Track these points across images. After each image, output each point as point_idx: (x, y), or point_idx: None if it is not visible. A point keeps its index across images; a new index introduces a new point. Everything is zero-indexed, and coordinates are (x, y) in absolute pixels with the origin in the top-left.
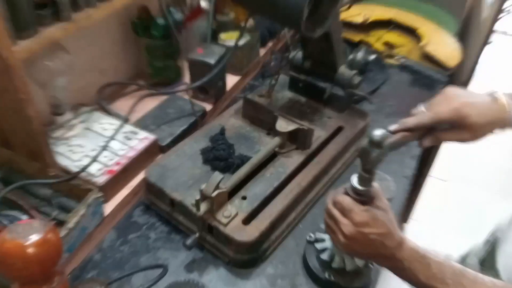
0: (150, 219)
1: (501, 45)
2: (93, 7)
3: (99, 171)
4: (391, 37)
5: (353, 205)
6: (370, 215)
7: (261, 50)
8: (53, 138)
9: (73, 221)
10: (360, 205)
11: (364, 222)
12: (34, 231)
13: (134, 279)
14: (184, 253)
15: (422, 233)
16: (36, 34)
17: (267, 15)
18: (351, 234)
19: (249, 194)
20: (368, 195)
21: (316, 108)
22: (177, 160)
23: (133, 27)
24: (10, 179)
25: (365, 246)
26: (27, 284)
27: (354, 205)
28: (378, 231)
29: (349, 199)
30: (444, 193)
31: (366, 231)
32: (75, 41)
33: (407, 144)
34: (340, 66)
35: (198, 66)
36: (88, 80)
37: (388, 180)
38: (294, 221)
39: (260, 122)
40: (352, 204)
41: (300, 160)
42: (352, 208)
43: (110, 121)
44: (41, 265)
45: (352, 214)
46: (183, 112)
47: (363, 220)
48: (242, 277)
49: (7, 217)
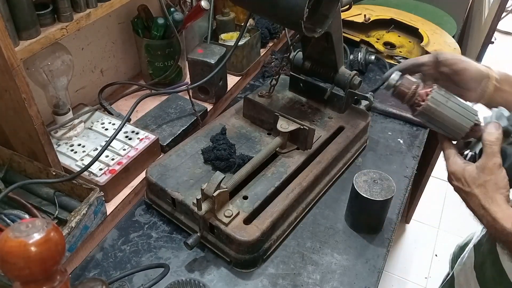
0: (151, 218)
1: (503, 44)
2: (93, 7)
3: (101, 170)
4: (391, 37)
5: (451, 153)
6: (457, 168)
7: (261, 50)
8: (54, 138)
9: (74, 221)
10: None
11: (451, 173)
12: (36, 230)
13: (136, 278)
14: (185, 253)
15: (423, 233)
16: (36, 34)
17: (267, 15)
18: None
19: (250, 193)
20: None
21: (317, 108)
22: (178, 159)
23: (133, 27)
24: (11, 179)
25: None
26: (29, 283)
27: (452, 154)
28: (463, 188)
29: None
30: (444, 193)
31: (454, 184)
32: (75, 41)
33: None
34: (341, 66)
35: (199, 66)
36: (88, 80)
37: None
38: (295, 221)
39: (261, 122)
40: (449, 152)
41: (301, 160)
42: (449, 156)
43: (111, 120)
44: (43, 264)
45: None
46: (184, 112)
47: (450, 170)
48: (243, 276)
49: (10, 216)
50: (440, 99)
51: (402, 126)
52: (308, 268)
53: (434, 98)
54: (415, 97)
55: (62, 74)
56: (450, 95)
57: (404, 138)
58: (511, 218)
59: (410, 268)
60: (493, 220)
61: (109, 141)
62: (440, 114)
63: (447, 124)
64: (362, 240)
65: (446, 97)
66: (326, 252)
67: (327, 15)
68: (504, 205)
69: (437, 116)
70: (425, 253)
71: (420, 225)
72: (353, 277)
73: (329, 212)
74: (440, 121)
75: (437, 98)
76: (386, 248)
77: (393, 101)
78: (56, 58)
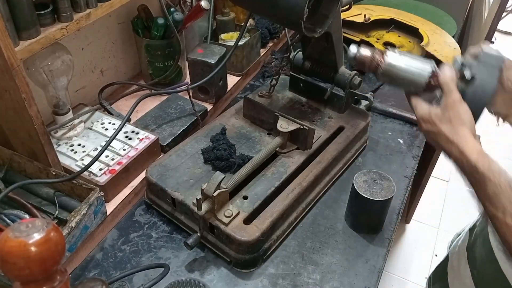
0: (151, 218)
1: (503, 44)
2: (93, 7)
3: (101, 170)
4: (391, 37)
5: (418, 101)
6: (425, 111)
7: (261, 50)
8: (54, 138)
9: (74, 221)
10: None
11: (420, 117)
12: (36, 230)
13: (136, 278)
14: (185, 253)
15: (423, 233)
16: (36, 34)
17: (267, 15)
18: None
19: (250, 193)
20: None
21: (317, 108)
22: (178, 159)
23: (133, 27)
24: (11, 179)
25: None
26: (29, 283)
27: (418, 101)
28: (432, 129)
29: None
30: (444, 193)
31: (424, 128)
32: (75, 41)
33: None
34: (341, 66)
35: (199, 66)
36: (88, 80)
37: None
38: (295, 221)
39: (261, 122)
40: (416, 100)
41: (301, 160)
42: (416, 104)
43: (111, 120)
44: (43, 264)
45: (416, 109)
46: (184, 112)
47: (419, 115)
48: (243, 276)
49: (10, 216)
50: (395, 58)
51: (402, 126)
52: (308, 268)
53: (389, 58)
54: (374, 62)
55: (62, 74)
56: (404, 53)
57: (404, 138)
58: (476, 150)
59: (410, 268)
60: (460, 153)
61: (109, 141)
62: (398, 71)
63: (407, 78)
64: (362, 240)
65: (401, 55)
66: (326, 252)
67: (327, 15)
68: (469, 137)
69: (396, 74)
70: (425, 253)
71: (420, 225)
72: (353, 277)
73: (329, 212)
74: (400, 78)
75: (392, 58)
76: (386, 248)
77: (393, 101)
78: (56, 58)
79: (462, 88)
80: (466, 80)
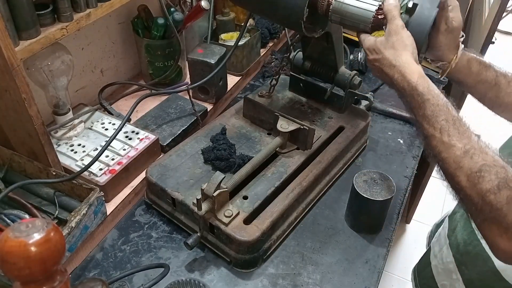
0: (151, 218)
1: (504, 44)
2: (93, 7)
3: (101, 170)
4: None
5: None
6: (371, 42)
7: (261, 50)
8: (54, 138)
9: (74, 221)
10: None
11: (367, 48)
12: (36, 230)
13: (136, 278)
14: (185, 253)
15: (423, 233)
16: (36, 34)
17: (267, 15)
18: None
19: (250, 193)
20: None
21: (317, 108)
22: (178, 159)
23: (133, 27)
24: (11, 179)
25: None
26: (29, 283)
27: (366, 36)
28: (377, 57)
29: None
30: (444, 193)
31: (370, 58)
32: (75, 41)
33: None
34: (341, 66)
35: (199, 66)
36: (88, 80)
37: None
38: (295, 221)
39: (261, 122)
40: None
41: (301, 160)
42: (364, 38)
43: (111, 120)
44: (43, 264)
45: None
46: (184, 112)
47: (366, 46)
48: (243, 276)
49: (10, 216)
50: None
51: (402, 126)
52: (308, 268)
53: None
54: (325, 3)
55: (62, 74)
56: None
57: (404, 138)
58: (417, 73)
59: (410, 268)
60: (401, 75)
61: (109, 141)
62: (345, 9)
63: (355, 16)
64: (362, 240)
65: None
66: (326, 252)
67: None
68: (411, 61)
69: (346, 9)
70: None
71: (420, 225)
72: (353, 277)
73: (329, 212)
74: (348, 16)
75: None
76: (386, 248)
77: (393, 101)
78: (56, 58)
79: (406, 20)
80: (408, 10)
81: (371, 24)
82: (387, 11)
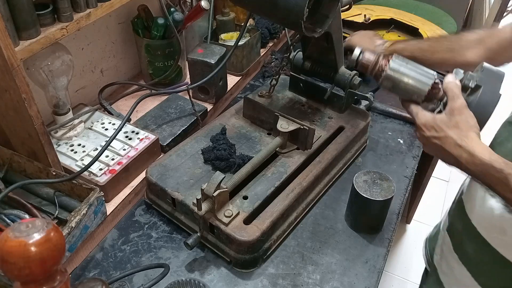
0: (151, 218)
1: None
2: (93, 7)
3: (101, 170)
4: (391, 37)
5: (418, 108)
6: (428, 118)
7: (261, 50)
8: (54, 138)
9: (74, 221)
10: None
11: (422, 125)
12: (36, 230)
13: (136, 278)
14: (185, 253)
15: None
16: (36, 34)
17: (267, 15)
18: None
19: (250, 193)
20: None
21: (317, 108)
22: (178, 159)
23: (133, 27)
24: (11, 179)
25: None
26: (29, 283)
27: (419, 109)
28: (437, 135)
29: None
30: (444, 193)
31: (426, 135)
32: (75, 41)
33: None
34: (341, 66)
35: (199, 66)
36: (88, 80)
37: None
38: (295, 221)
39: (261, 122)
40: (417, 108)
41: (301, 160)
42: (417, 111)
43: (111, 120)
44: (43, 264)
45: (416, 116)
46: (184, 112)
47: (421, 122)
48: (243, 276)
49: (9, 216)
50: (398, 65)
51: (402, 126)
52: (308, 268)
53: (393, 65)
54: (377, 67)
55: (62, 74)
56: (408, 61)
57: (404, 138)
58: (487, 151)
59: (410, 268)
60: (471, 155)
61: (109, 141)
62: (400, 78)
63: (409, 86)
64: (362, 240)
65: (404, 63)
66: (326, 252)
67: (327, 15)
68: (478, 140)
69: (399, 81)
70: None
71: (420, 225)
72: (353, 277)
73: (329, 212)
74: (402, 85)
75: (396, 64)
76: (386, 248)
77: (393, 101)
78: (56, 58)
79: (465, 98)
80: (469, 90)
81: (425, 96)
82: (447, 88)
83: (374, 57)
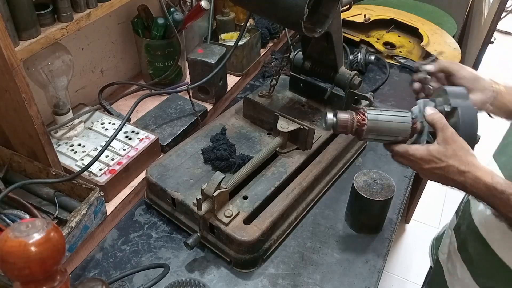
0: (151, 218)
1: (503, 44)
2: (93, 7)
3: (101, 170)
4: (391, 37)
5: (405, 146)
6: (422, 152)
7: (261, 50)
8: (54, 138)
9: (74, 221)
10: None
11: (420, 159)
12: (36, 230)
13: (136, 278)
14: (185, 253)
15: (423, 233)
16: (36, 34)
17: (267, 15)
18: (419, 171)
19: (250, 193)
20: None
21: (317, 108)
22: (178, 159)
23: (133, 27)
24: (11, 179)
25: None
26: (29, 283)
27: (406, 146)
28: (437, 165)
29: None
30: (444, 193)
31: (426, 167)
32: (75, 41)
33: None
34: (341, 66)
35: (199, 66)
36: (88, 80)
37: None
38: (295, 221)
39: (261, 122)
40: (403, 147)
41: (301, 160)
42: (406, 149)
43: (111, 120)
44: (43, 264)
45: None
46: (184, 112)
47: (417, 157)
48: (243, 276)
49: (10, 216)
50: (375, 114)
51: None
52: (308, 268)
53: (370, 115)
54: (355, 124)
55: (62, 74)
56: (381, 109)
57: None
58: (490, 173)
59: (410, 268)
60: (474, 180)
61: (109, 141)
62: (382, 125)
63: (393, 130)
64: (362, 240)
65: (378, 111)
66: (326, 252)
67: (327, 15)
68: (478, 163)
69: (382, 126)
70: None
71: (420, 225)
72: (353, 277)
73: (329, 212)
74: (386, 131)
75: (373, 112)
76: (386, 248)
77: (393, 101)
78: (56, 58)
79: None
80: (446, 114)
81: (410, 134)
82: (434, 120)
83: (348, 114)
